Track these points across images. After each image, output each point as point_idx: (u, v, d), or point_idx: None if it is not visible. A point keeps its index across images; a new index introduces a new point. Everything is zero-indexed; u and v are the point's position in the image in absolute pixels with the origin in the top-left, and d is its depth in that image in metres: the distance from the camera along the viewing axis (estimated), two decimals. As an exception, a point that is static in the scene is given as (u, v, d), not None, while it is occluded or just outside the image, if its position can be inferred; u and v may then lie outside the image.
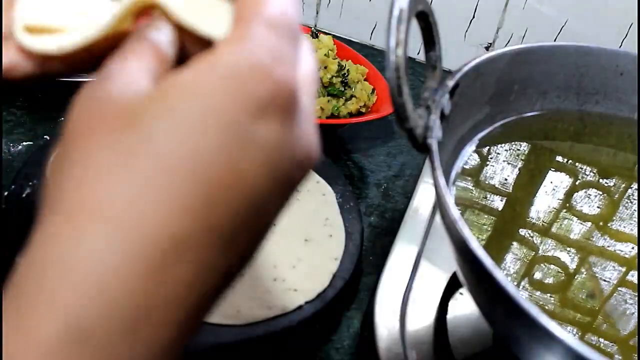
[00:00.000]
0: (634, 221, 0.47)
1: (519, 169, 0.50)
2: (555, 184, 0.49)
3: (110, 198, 0.20)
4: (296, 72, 0.23)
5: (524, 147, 0.51)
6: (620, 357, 0.38)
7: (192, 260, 0.20)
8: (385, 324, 0.47)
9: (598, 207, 0.48)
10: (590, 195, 0.49)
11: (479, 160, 0.48)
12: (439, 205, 0.37)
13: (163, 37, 0.25)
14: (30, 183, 0.52)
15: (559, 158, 0.52)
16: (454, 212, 0.33)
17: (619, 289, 0.43)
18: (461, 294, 0.51)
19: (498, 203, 0.47)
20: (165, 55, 0.24)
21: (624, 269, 0.44)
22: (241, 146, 0.21)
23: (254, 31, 0.22)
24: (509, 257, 0.44)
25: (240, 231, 0.21)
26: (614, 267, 0.44)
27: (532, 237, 0.45)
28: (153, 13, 0.26)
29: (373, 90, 0.71)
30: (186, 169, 0.20)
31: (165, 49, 0.24)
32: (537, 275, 0.43)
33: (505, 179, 0.49)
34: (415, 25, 0.37)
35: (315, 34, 0.74)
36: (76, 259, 0.19)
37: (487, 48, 0.86)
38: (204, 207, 0.20)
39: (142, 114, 0.21)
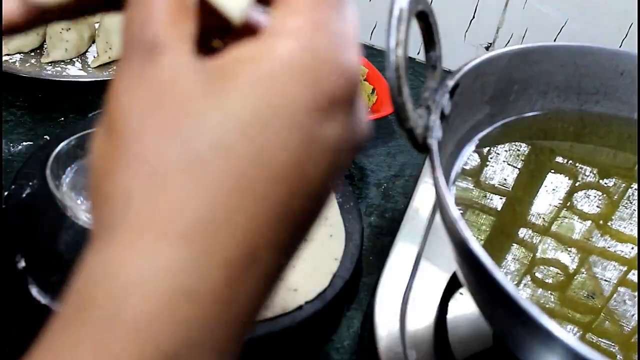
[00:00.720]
0: (634, 221, 0.47)
1: (519, 169, 0.50)
2: (555, 184, 0.49)
3: (183, 212, 0.18)
4: (355, 52, 0.21)
5: (524, 147, 0.51)
6: (620, 357, 0.38)
7: (260, 280, 0.20)
8: (385, 324, 0.47)
9: (598, 207, 0.48)
10: (590, 195, 0.49)
11: (479, 160, 0.48)
12: (439, 205, 0.37)
13: None
14: (30, 183, 0.52)
15: (559, 158, 0.52)
16: (454, 212, 0.33)
17: (619, 288, 0.43)
18: (461, 294, 0.51)
19: (498, 203, 0.47)
20: (191, 4, 0.21)
21: (624, 269, 0.44)
22: (309, 151, 0.20)
23: (306, 15, 0.20)
24: (509, 257, 0.44)
25: (298, 234, 0.21)
26: (614, 266, 0.44)
27: (532, 237, 0.45)
28: None
29: (373, 90, 0.71)
30: (254, 177, 0.19)
31: None
32: (537, 275, 0.43)
33: (505, 179, 0.49)
34: (415, 25, 0.37)
35: (315, 34, 0.74)
36: (152, 281, 0.18)
37: (487, 48, 0.86)
38: (272, 220, 0.19)
39: (200, 106, 0.19)
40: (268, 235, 0.19)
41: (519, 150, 0.51)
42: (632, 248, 0.45)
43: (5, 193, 0.52)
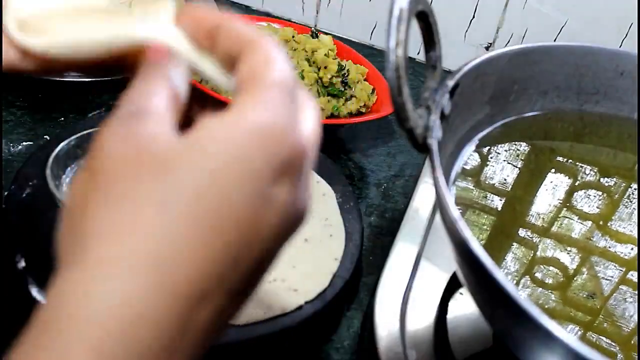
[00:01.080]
0: (634, 221, 0.47)
1: (519, 169, 0.50)
2: (555, 184, 0.49)
3: (138, 246, 0.21)
4: (304, 134, 0.25)
5: (524, 147, 0.51)
6: (621, 357, 0.38)
7: (209, 312, 0.22)
8: (385, 324, 0.47)
9: (598, 207, 0.48)
10: (590, 195, 0.49)
11: (479, 160, 0.48)
12: (439, 205, 0.37)
13: (180, 78, 0.26)
14: (30, 183, 0.52)
15: (559, 158, 0.52)
16: (454, 212, 0.33)
17: (619, 288, 0.43)
18: (461, 294, 0.51)
19: (498, 203, 0.47)
20: (182, 99, 0.26)
21: (624, 269, 0.44)
22: (262, 207, 0.22)
23: (271, 94, 0.24)
24: (509, 257, 0.44)
25: (249, 282, 0.23)
26: (614, 266, 0.44)
27: (532, 237, 0.45)
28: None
29: (373, 90, 0.71)
30: (212, 222, 0.21)
31: (182, 92, 0.26)
32: (537, 275, 0.43)
33: (505, 179, 0.49)
34: (415, 25, 0.37)
35: (315, 34, 0.74)
36: (105, 306, 0.20)
37: (487, 48, 0.86)
38: (224, 262, 0.22)
39: (174, 161, 0.22)
40: (219, 278, 0.22)
41: (519, 150, 0.51)
42: (632, 248, 0.45)
43: (5, 193, 0.52)
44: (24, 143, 0.62)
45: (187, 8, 0.27)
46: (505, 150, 0.50)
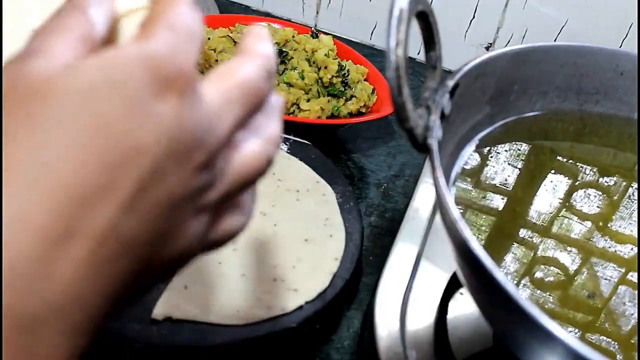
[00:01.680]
0: (634, 221, 0.47)
1: (519, 169, 0.50)
2: (555, 184, 0.49)
3: (15, 160, 0.21)
4: (192, 64, 0.25)
5: (524, 147, 0.51)
6: (620, 357, 0.38)
7: (95, 221, 0.22)
8: (385, 324, 0.47)
9: (598, 207, 0.48)
10: (590, 195, 0.49)
11: (479, 160, 0.48)
12: (439, 205, 0.37)
13: (101, 15, 0.26)
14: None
15: (559, 158, 0.52)
16: (454, 212, 0.33)
17: (619, 288, 0.43)
18: (461, 294, 0.51)
19: (498, 203, 0.47)
20: (95, 39, 0.26)
21: (624, 269, 0.44)
22: (140, 118, 0.23)
23: (156, 30, 0.25)
24: (509, 257, 0.44)
25: (141, 195, 0.23)
26: (614, 267, 0.44)
27: (532, 237, 0.45)
28: None
29: (373, 90, 0.71)
30: (85, 135, 0.22)
31: (97, 30, 0.26)
32: (537, 275, 0.43)
33: (506, 179, 0.49)
34: (415, 25, 0.37)
35: (315, 34, 0.74)
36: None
37: (487, 48, 0.86)
38: (102, 172, 0.22)
39: (49, 88, 0.22)
40: (99, 191, 0.22)
41: (519, 150, 0.51)
42: (632, 249, 0.45)
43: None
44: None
45: None
46: (505, 151, 0.50)
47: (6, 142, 0.21)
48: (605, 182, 0.50)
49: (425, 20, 0.39)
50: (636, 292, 0.42)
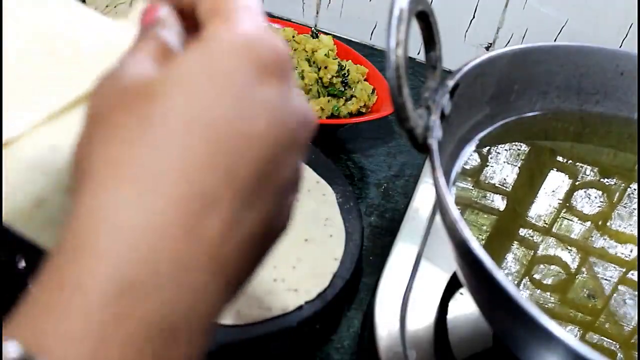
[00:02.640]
0: (634, 221, 0.47)
1: (519, 169, 0.50)
2: (555, 184, 0.49)
3: (138, 163, 0.21)
4: (280, 40, 0.25)
5: (524, 147, 0.51)
6: (621, 357, 0.38)
7: (220, 213, 0.22)
8: (385, 324, 0.47)
9: (598, 207, 0.48)
10: (590, 195, 0.49)
11: (479, 160, 0.48)
12: (439, 205, 0.37)
13: (169, 33, 0.26)
14: (30, 183, 0.52)
15: (559, 158, 0.52)
16: (454, 212, 0.33)
17: (619, 288, 0.43)
18: (461, 294, 0.51)
19: (498, 203, 0.47)
20: (171, 46, 0.26)
21: (624, 269, 0.44)
22: (250, 106, 0.23)
23: (239, 15, 0.25)
24: (509, 257, 0.44)
25: (261, 185, 0.23)
26: (614, 267, 0.44)
27: (532, 237, 0.45)
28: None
29: (373, 90, 0.71)
30: (203, 128, 0.22)
31: (172, 42, 0.26)
32: (537, 275, 0.43)
33: (505, 179, 0.49)
34: (415, 25, 0.37)
35: (315, 34, 0.74)
36: (115, 221, 0.20)
37: (487, 48, 0.86)
38: (224, 165, 0.22)
39: (156, 88, 0.22)
40: (220, 177, 0.22)
41: (519, 150, 0.51)
42: (632, 250, 0.45)
43: (5, 193, 0.52)
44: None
45: None
46: (505, 150, 0.50)
47: (125, 144, 0.22)
48: (605, 182, 0.50)
49: (425, 20, 0.39)
50: (636, 292, 0.42)
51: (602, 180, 0.50)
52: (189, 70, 0.23)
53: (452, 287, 0.51)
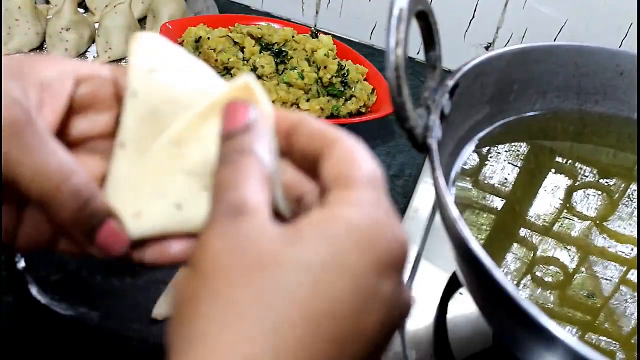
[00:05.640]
0: (634, 221, 0.47)
1: (519, 169, 0.50)
2: (555, 184, 0.49)
3: (248, 342, 0.21)
4: (404, 230, 0.25)
5: (524, 147, 0.51)
6: (621, 357, 0.38)
7: None
8: (385, 324, 0.47)
9: (598, 207, 0.48)
10: (590, 195, 0.49)
11: (479, 160, 0.48)
12: (439, 205, 0.37)
13: (266, 151, 0.26)
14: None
15: (559, 158, 0.52)
16: (454, 212, 0.33)
17: (619, 288, 0.43)
18: (461, 294, 0.51)
19: (498, 203, 0.47)
20: (271, 172, 0.25)
21: (624, 269, 0.44)
22: (368, 302, 0.23)
23: (364, 193, 0.25)
24: (509, 257, 0.44)
25: None
26: (614, 266, 0.44)
27: (531, 237, 0.45)
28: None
29: (373, 90, 0.71)
30: (318, 319, 0.22)
31: (270, 164, 0.25)
32: (537, 275, 0.43)
33: (505, 179, 0.49)
34: (415, 25, 0.37)
35: (315, 34, 0.74)
36: None
37: (487, 48, 0.86)
38: (336, 350, 0.22)
39: (278, 260, 0.22)
40: None
41: (519, 150, 0.51)
42: (632, 249, 0.45)
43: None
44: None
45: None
46: (505, 151, 0.50)
47: (237, 317, 0.21)
48: (605, 182, 0.50)
49: (425, 20, 0.39)
50: (636, 292, 0.42)
51: (601, 180, 0.50)
52: (313, 252, 0.22)
53: (452, 287, 0.51)
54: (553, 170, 0.50)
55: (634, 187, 0.50)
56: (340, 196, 0.25)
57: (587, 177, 0.51)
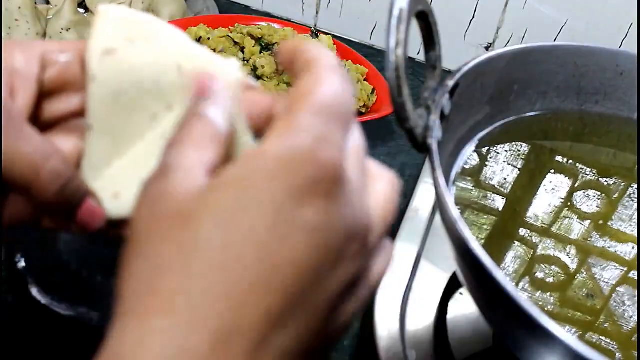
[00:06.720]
0: (634, 221, 0.47)
1: (519, 169, 0.50)
2: (555, 184, 0.49)
3: (173, 294, 0.21)
4: (341, 152, 0.24)
5: (524, 147, 0.51)
6: (620, 357, 0.38)
7: (247, 341, 0.21)
8: (385, 324, 0.47)
9: (598, 207, 0.48)
10: (590, 195, 0.49)
11: (478, 160, 0.48)
12: (439, 205, 0.37)
13: (220, 112, 0.26)
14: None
15: (559, 158, 0.52)
16: (454, 212, 0.33)
17: (619, 288, 0.43)
18: (461, 294, 0.51)
19: (498, 203, 0.47)
20: (222, 135, 0.25)
21: (624, 269, 0.44)
22: (286, 231, 0.22)
23: (300, 120, 0.24)
24: (508, 257, 0.44)
25: (296, 306, 0.22)
26: (614, 267, 0.44)
27: (531, 237, 0.45)
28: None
29: (373, 90, 0.71)
30: (237, 259, 0.22)
31: (222, 127, 0.26)
32: (537, 275, 0.43)
33: (505, 179, 0.49)
34: (415, 25, 0.37)
35: (315, 34, 0.74)
36: (147, 354, 0.20)
37: (487, 48, 0.86)
38: (252, 292, 0.22)
39: (196, 211, 0.22)
40: (256, 305, 0.22)
41: (519, 150, 0.51)
42: (633, 248, 0.45)
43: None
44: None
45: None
46: (505, 151, 0.50)
47: (161, 273, 0.22)
48: (605, 182, 0.50)
49: (425, 20, 0.39)
50: (636, 292, 0.42)
51: (601, 180, 0.50)
52: (228, 193, 0.22)
53: (452, 287, 0.51)
54: (553, 171, 0.50)
55: (634, 187, 0.50)
56: (276, 126, 0.24)
57: (587, 177, 0.51)
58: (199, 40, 0.69)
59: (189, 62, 0.28)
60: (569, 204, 0.48)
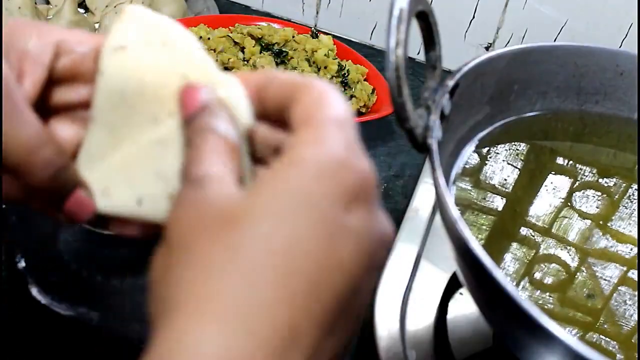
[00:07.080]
0: (634, 221, 0.47)
1: (519, 169, 0.50)
2: (555, 184, 0.49)
3: (223, 297, 0.21)
4: (368, 162, 0.25)
5: (524, 147, 0.51)
6: (621, 357, 0.38)
7: (302, 348, 0.21)
8: (385, 324, 0.47)
9: (598, 207, 0.48)
10: (589, 195, 0.49)
11: (478, 160, 0.48)
12: (439, 205, 0.37)
13: (224, 123, 0.26)
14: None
15: (559, 158, 0.52)
16: (454, 212, 0.33)
17: (619, 288, 0.43)
18: (461, 294, 0.51)
19: (498, 203, 0.47)
20: (235, 144, 0.26)
21: (624, 269, 0.44)
22: (336, 237, 0.22)
23: (328, 131, 0.24)
24: (508, 257, 0.44)
25: (342, 313, 0.23)
26: (614, 266, 0.44)
27: (531, 237, 0.45)
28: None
29: (373, 90, 0.71)
30: (288, 263, 0.22)
31: (233, 136, 0.26)
32: (537, 275, 0.43)
33: (505, 179, 0.49)
34: (415, 25, 0.37)
35: (315, 34, 0.74)
36: (196, 358, 0.20)
37: (487, 48, 0.86)
38: (308, 298, 0.22)
39: (241, 215, 0.22)
40: (307, 317, 0.22)
41: (518, 150, 0.51)
42: (632, 249, 0.45)
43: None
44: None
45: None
46: (505, 151, 0.50)
47: (208, 282, 0.22)
48: (605, 182, 0.50)
49: (425, 20, 0.39)
50: (636, 292, 0.42)
51: (601, 180, 0.50)
52: (275, 197, 0.23)
53: (452, 287, 0.51)
54: (553, 171, 0.50)
55: (634, 187, 0.50)
56: (302, 137, 0.25)
57: (587, 177, 0.51)
58: (198, 40, 0.69)
59: (195, 72, 0.28)
60: (569, 204, 0.48)
